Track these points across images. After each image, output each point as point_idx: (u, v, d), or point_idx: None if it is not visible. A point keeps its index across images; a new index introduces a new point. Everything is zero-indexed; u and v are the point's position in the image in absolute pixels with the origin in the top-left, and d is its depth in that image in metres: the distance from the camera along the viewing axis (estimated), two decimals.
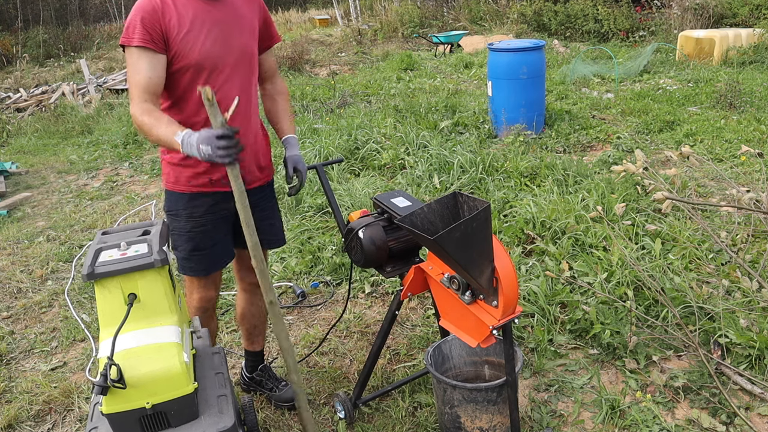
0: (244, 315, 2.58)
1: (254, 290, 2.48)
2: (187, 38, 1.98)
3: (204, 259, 2.25)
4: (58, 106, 9.87)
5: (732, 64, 9.00)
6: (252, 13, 2.18)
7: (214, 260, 2.27)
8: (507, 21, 14.43)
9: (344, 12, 20.07)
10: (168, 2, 1.97)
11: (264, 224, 2.32)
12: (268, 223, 2.38)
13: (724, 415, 2.35)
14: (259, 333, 2.65)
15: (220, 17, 2.06)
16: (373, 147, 5.68)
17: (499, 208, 4.21)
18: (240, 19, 2.12)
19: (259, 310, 2.58)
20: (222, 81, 2.07)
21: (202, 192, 2.17)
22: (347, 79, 10.42)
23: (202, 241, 2.21)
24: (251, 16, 2.17)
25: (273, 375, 2.70)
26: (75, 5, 21.20)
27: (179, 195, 2.18)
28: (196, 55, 2.00)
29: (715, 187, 4.48)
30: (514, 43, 6.33)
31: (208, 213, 2.19)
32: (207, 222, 2.20)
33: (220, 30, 2.05)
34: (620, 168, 2.82)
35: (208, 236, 2.21)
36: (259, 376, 2.68)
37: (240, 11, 2.13)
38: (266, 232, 2.35)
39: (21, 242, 4.75)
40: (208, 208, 2.19)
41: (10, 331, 3.45)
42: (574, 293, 3.14)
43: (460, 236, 1.62)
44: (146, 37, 1.92)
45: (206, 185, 2.16)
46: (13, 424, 2.67)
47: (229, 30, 2.08)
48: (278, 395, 2.62)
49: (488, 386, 2.08)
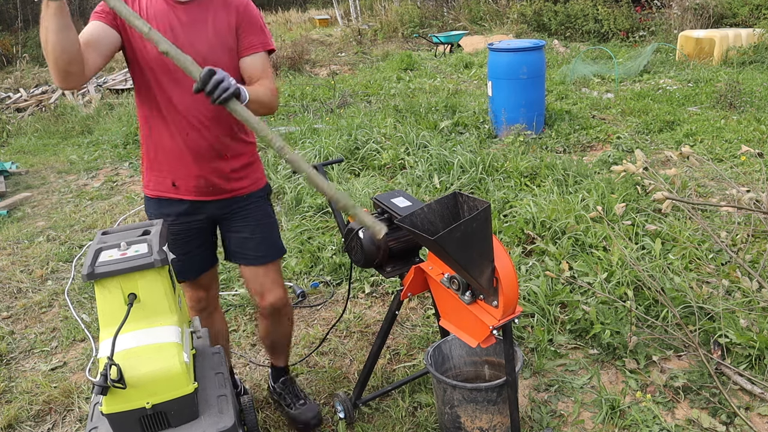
0: (264, 336, 2.51)
1: (271, 315, 2.37)
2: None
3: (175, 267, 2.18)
4: (58, 106, 9.87)
5: (732, 64, 9.00)
6: (226, 20, 2.04)
7: (184, 269, 2.22)
8: (507, 21, 14.43)
9: (344, 12, 20.07)
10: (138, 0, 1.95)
11: (234, 237, 2.25)
12: (240, 237, 2.25)
13: (724, 415, 2.35)
14: (281, 351, 2.56)
15: (183, 20, 1.98)
16: (373, 147, 5.68)
17: (499, 208, 4.21)
18: (205, 26, 2.01)
19: (279, 333, 2.47)
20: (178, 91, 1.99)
21: (168, 198, 2.13)
22: (347, 79, 10.42)
23: (172, 249, 2.12)
24: (224, 24, 2.04)
25: (293, 390, 2.57)
26: (75, 5, 21.18)
27: (149, 199, 2.18)
28: (149, 56, 1.94)
29: (715, 187, 4.48)
30: (514, 43, 6.33)
31: (178, 222, 2.15)
32: (177, 232, 2.15)
33: (179, 34, 1.96)
34: (620, 168, 2.82)
35: (177, 246, 2.14)
36: (280, 389, 2.59)
37: (209, 17, 2.01)
38: (235, 244, 2.27)
39: (21, 242, 4.74)
40: (177, 216, 2.15)
41: (10, 331, 3.45)
42: (574, 293, 3.14)
43: (461, 236, 1.62)
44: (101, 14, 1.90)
45: (170, 190, 2.12)
46: (13, 424, 2.67)
47: (190, 36, 1.98)
48: (293, 414, 2.49)
49: (488, 386, 2.08)
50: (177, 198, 2.14)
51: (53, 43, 1.67)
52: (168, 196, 2.14)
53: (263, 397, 2.71)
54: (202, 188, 2.13)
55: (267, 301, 2.31)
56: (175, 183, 2.12)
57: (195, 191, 2.13)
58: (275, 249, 2.33)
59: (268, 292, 2.30)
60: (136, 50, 1.97)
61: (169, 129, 2.06)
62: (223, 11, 2.04)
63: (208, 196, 2.15)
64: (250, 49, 2.09)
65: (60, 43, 1.67)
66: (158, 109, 2.04)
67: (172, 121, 2.04)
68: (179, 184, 2.11)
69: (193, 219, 2.18)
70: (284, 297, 2.36)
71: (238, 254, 2.29)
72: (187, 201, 2.14)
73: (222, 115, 2.07)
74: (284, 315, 2.40)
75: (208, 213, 2.20)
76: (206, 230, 2.24)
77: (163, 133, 2.07)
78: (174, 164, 2.10)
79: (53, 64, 1.71)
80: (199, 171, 2.10)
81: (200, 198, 2.15)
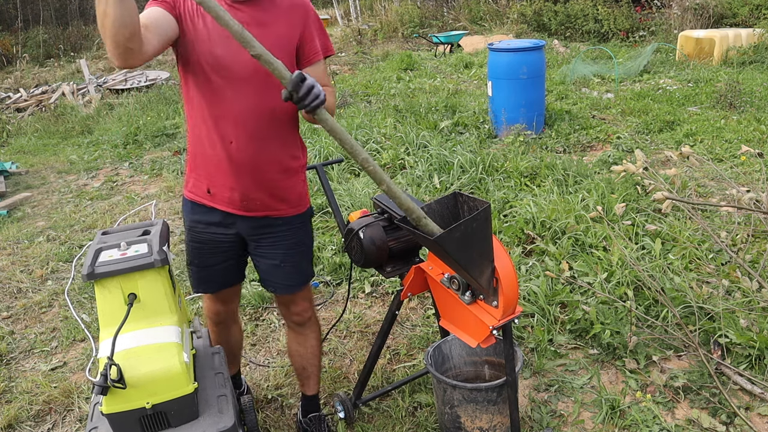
0: (291, 353, 2.38)
1: (298, 329, 2.30)
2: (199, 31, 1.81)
3: (193, 275, 2.17)
4: (58, 106, 9.87)
5: (732, 64, 9.00)
6: (290, 25, 1.92)
7: (199, 280, 2.17)
8: (507, 21, 14.42)
9: (344, 12, 20.07)
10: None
11: (263, 263, 2.13)
12: (270, 264, 2.12)
13: (724, 415, 2.35)
14: (309, 376, 2.38)
15: (243, 21, 1.81)
16: (373, 147, 5.68)
17: (499, 208, 4.21)
18: (267, 28, 1.86)
19: (306, 351, 2.33)
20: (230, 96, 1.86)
21: (201, 204, 2.04)
22: (347, 79, 10.42)
23: (197, 257, 2.11)
24: (287, 29, 1.91)
25: (324, 429, 2.39)
26: (75, 5, 21.18)
27: (185, 200, 2.10)
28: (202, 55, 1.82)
29: (715, 187, 4.48)
30: (514, 43, 6.33)
31: (206, 231, 2.06)
32: (204, 241, 2.08)
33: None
34: (620, 168, 2.82)
35: (202, 255, 2.10)
36: (308, 426, 2.41)
37: (271, 20, 1.88)
38: (264, 271, 2.16)
39: (21, 242, 4.74)
40: (207, 226, 2.05)
41: (10, 331, 3.45)
42: (574, 293, 3.14)
43: (460, 236, 1.62)
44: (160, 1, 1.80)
45: (205, 196, 2.02)
46: (13, 424, 2.67)
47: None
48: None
49: (488, 386, 2.08)
50: (210, 206, 2.02)
51: (113, 17, 1.51)
52: (202, 202, 2.04)
53: (263, 396, 2.71)
54: (236, 202, 1.99)
55: (292, 311, 2.26)
56: (210, 190, 2.00)
57: (229, 203, 2.00)
58: (304, 276, 2.20)
59: (293, 305, 2.25)
60: (188, 45, 1.83)
61: (211, 134, 1.91)
62: (286, 15, 1.92)
63: (241, 210, 2.01)
64: (315, 57, 2.00)
65: (121, 16, 1.52)
66: (205, 111, 1.90)
67: (217, 125, 1.90)
68: (214, 192, 2.00)
69: (223, 232, 2.06)
70: (310, 309, 2.29)
71: (267, 282, 2.20)
72: (220, 211, 2.02)
73: (274, 127, 1.94)
74: (308, 328, 2.31)
75: (239, 229, 2.06)
76: (234, 247, 2.11)
77: (206, 136, 1.93)
78: (211, 170, 1.97)
79: (112, 39, 1.55)
80: (235, 183, 1.96)
81: (233, 211, 2.02)
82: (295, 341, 2.34)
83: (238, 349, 2.52)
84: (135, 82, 11.01)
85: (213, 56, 1.83)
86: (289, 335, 2.36)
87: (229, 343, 2.41)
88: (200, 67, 1.85)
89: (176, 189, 5.63)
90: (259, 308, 3.44)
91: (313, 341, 2.34)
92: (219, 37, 1.83)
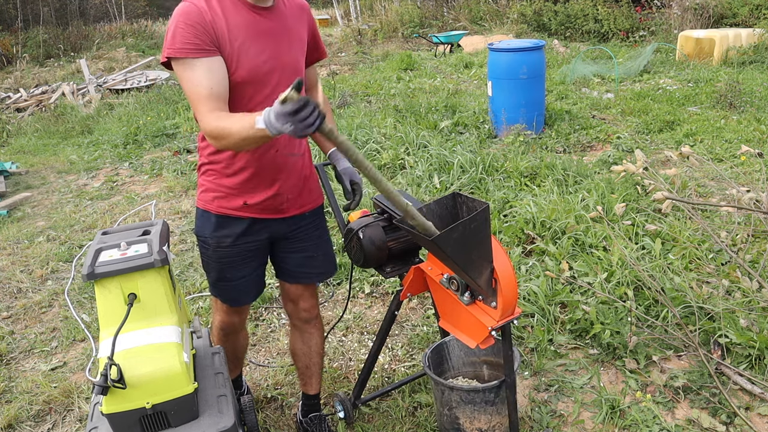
0: (295, 352, 2.39)
1: (303, 327, 2.33)
2: (240, 49, 1.80)
3: (229, 291, 2.14)
4: (58, 106, 9.87)
5: (732, 64, 9.00)
6: (300, 25, 2.00)
7: (239, 293, 2.16)
8: (507, 21, 14.43)
9: (344, 12, 20.07)
10: (215, 8, 1.76)
11: (296, 256, 2.17)
12: (304, 256, 2.18)
13: (724, 415, 2.35)
14: (312, 375, 2.40)
15: (269, 28, 1.87)
16: (373, 147, 5.68)
17: (499, 208, 4.21)
18: (289, 32, 1.94)
19: (311, 350, 2.36)
20: (264, 97, 1.87)
21: (233, 216, 2.00)
22: (347, 79, 10.42)
23: (228, 272, 2.08)
24: (300, 29, 1.99)
25: (325, 429, 2.41)
26: (75, 5, 21.19)
27: (208, 216, 2.02)
28: (244, 70, 1.81)
29: (715, 187, 4.48)
30: (514, 43, 6.33)
31: (237, 243, 2.03)
32: (235, 254, 2.05)
33: (269, 42, 1.86)
34: (620, 168, 2.82)
35: (235, 268, 2.08)
36: (308, 425, 2.43)
37: (288, 23, 1.94)
38: (297, 263, 2.19)
39: (21, 242, 4.75)
40: (237, 238, 2.02)
41: (10, 331, 3.45)
42: (574, 293, 3.14)
43: (459, 237, 1.62)
44: (197, 44, 1.71)
45: (240, 209, 1.99)
46: (13, 424, 2.67)
47: (279, 43, 1.89)
48: None
49: (486, 387, 2.08)
50: (241, 216, 2.00)
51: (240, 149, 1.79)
52: (235, 214, 2.00)
53: (263, 396, 2.71)
54: (275, 207, 2.03)
55: (300, 307, 2.27)
56: (246, 202, 1.99)
57: (266, 209, 2.02)
58: (335, 262, 2.31)
59: (303, 300, 2.27)
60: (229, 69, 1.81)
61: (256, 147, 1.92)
62: (297, 17, 1.99)
63: (277, 214, 2.05)
64: (321, 56, 2.14)
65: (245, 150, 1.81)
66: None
67: None
68: (251, 203, 1.99)
69: (253, 239, 2.06)
70: (317, 306, 2.33)
71: (298, 273, 2.20)
72: (248, 219, 2.01)
73: None
74: (314, 326, 2.34)
75: (271, 232, 2.08)
76: (265, 252, 2.15)
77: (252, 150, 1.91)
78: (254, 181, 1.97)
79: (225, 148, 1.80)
80: (278, 188, 2.00)
81: (267, 216, 2.04)
82: (299, 340, 2.35)
83: (243, 354, 2.53)
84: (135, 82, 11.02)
85: (255, 67, 1.84)
86: (293, 334, 2.37)
87: (236, 350, 2.42)
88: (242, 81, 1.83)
89: (176, 189, 5.63)
90: (259, 308, 3.44)
91: (317, 339, 2.37)
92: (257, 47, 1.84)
